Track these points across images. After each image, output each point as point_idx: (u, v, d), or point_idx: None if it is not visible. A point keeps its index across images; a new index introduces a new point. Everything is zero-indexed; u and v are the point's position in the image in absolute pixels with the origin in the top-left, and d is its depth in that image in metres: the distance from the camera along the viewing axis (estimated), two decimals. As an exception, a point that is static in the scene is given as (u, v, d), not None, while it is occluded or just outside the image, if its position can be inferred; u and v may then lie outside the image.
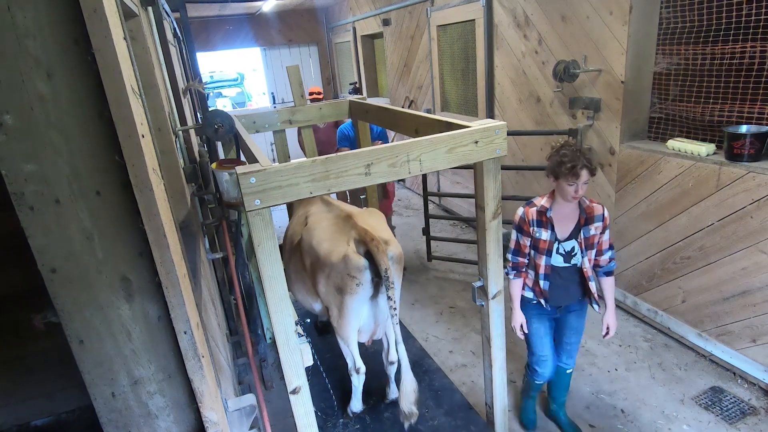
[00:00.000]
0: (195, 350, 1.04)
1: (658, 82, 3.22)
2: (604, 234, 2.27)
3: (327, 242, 2.42)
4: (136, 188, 0.91)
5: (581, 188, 2.10)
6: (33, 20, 0.79)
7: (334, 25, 9.03)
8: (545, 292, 2.33)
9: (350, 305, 2.36)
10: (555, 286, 2.33)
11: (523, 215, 2.29)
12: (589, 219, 2.23)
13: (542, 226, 2.25)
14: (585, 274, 2.30)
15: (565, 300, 2.37)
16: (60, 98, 0.84)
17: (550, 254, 2.27)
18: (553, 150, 2.19)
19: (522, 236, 2.31)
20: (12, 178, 0.83)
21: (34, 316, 1.73)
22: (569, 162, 2.05)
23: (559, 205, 2.23)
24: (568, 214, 2.24)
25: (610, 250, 2.33)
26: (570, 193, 2.12)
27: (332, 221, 2.57)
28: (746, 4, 2.57)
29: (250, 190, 1.43)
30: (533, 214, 2.27)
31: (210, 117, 2.49)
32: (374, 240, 2.27)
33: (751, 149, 2.61)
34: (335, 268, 2.32)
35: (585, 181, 2.09)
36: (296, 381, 1.68)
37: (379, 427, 2.64)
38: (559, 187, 2.16)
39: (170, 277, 0.97)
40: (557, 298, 2.36)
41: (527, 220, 2.27)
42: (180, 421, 1.09)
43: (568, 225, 2.25)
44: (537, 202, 2.29)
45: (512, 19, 4.17)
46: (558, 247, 2.25)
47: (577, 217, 2.24)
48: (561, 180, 2.11)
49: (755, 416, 2.65)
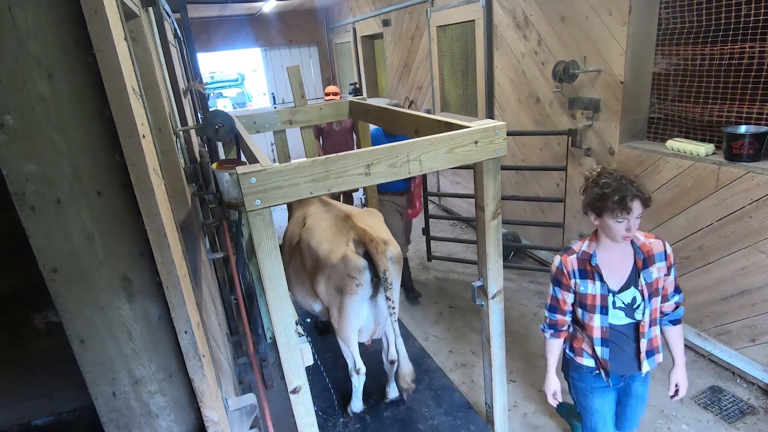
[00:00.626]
0: (195, 350, 1.04)
1: (658, 82, 3.23)
2: (669, 275, 1.83)
3: (326, 243, 2.42)
4: (137, 188, 0.91)
5: (634, 224, 1.68)
6: (34, 21, 0.79)
7: (335, 26, 9.04)
8: (605, 362, 1.87)
9: (350, 306, 2.36)
10: (617, 351, 1.86)
11: (561, 265, 1.86)
12: (649, 259, 1.79)
13: (587, 278, 1.82)
14: (641, 329, 1.83)
15: (631, 367, 1.90)
16: (61, 99, 0.84)
17: (606, 311, 1.81)
18: (589, 180, 1.77)
19: (561, 291, 1.88)
20: (13, 179, 0.84)
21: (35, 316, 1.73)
22: (615, 193, 1.64)
23: (606, 248, 1.80)
24: (620, 257, 1.80)
25: (676, 293, 1.89)
26: (620, 232, 1.70)
27: (331, 222, 2.58)
28: (745, 5, 2.58)
29: (250, 190, 1.44)
30: (573, 264, 1.84)
31: (210, 117, 2.50)
32: (373, 241, 2.28)
33: (750, 149, 2.61)
34: (335, 268, 2.33)
35: (638, 216, 1.68)
36: (297, 380, 1.69)
37: (379, 427, 2.65)
38: (605, 225, 1.73)
39: (171, 276, 0.98)
40: (621, 366, 1.89)
41: (566, 271, 1.84)
42: (181, 421, 1.10)
43: (622, 271, 1.80)
44: (576, 248, 1.86)
45: (512, 19, 4.17)
46: (614, 300, 1.80)
47: (633, 259, 1.80)
48: (606, 217, 1.69)
49: (754, 416, 2.65)
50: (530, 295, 4.09)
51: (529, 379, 3.09)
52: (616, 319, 1.82)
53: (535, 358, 3.28)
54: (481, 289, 2.12)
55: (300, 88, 3.28)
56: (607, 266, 1.80)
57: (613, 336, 1.84)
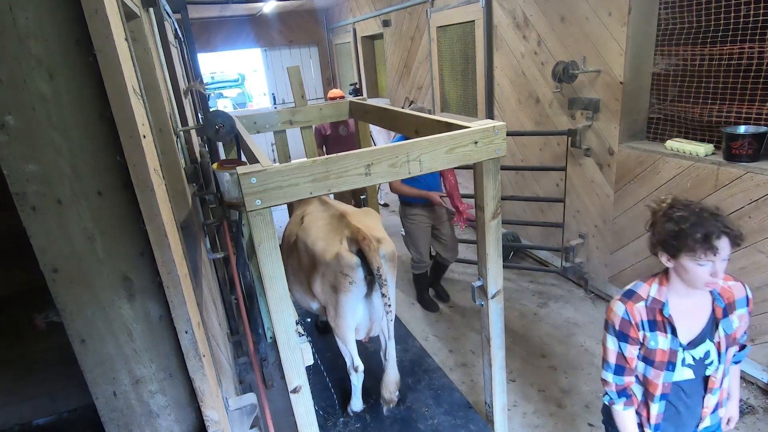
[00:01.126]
0: (196, 349, 1.05)
1: (657, 82, 3.23)
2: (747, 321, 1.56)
3: (321, 241, 2.45)
4: (138, 188, 0.91)
5: (720, 268, 1.36)
6: (35, 21, 0.79)
7: (335, 26, 9.04)
8: (658, 416, 1.58)
9: (345, 303, 2.38)
10: (674, 408, 1.57)
11: (627, 316, 1.50)
12: (729, 307, 1.50)
13: (658, 329, 1.49)
14: (710, 385, 1.52)
15: (687, 426, 1.61)
16: (62, 99, 0.84)
17: (673, 368, 1.51)
18: (658, 213, 1.46)
19: (628, 346, 1.53)
20: (14, 179, 0.84)
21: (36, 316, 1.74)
22: (697, 230, 1.33)
23: (679, 295, 1.48)
24: (696, 305, 1.50)
25: (745, 333, 1.61)
26: (702, 277, 1.37)
27: (327, 220, 2.60)
28: (744, 6, 2.58)
29: (250, 190, 1.44)
30: (642, 313, 1.50)
31: (211, 117, 2.50)
32: (366, 238, 2.30)
33: (749, 150, 2.62)
34: (329, 266, 2.35)
35: (725, 258, 1.35)
36: (297, 380, 1.69)
37: (379, 426, 2.65)
38: (681, 268, 1.41)
39: (171, 276, 0.98)
40: (676, 426, 1.60)
41: (634, 322, 1.50)
42: (181, 420, 1.10)
43: (697, 322, 1.50)
44: (643, 293, 1.52)
45: (511, 20, 4.17)
46: (684, 357, 1.50)
47: (710, 308, 1.50)
48: (685, 259, 1.38)
49: (753, 415, 2.65)
50: (530, 295, 4.09)
51: (528, 379, 3.09)
52: (683, 377, 1.51)
53: (534, 357, 3.29)
54: (481, 289, 2.12)
55: (300, 88, 3.29)
56: (680, 316, 1.49)
57: (673, 393, 1.54)
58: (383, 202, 6.88)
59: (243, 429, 1.35)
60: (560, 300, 3.95)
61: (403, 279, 4.57)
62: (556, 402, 2.91)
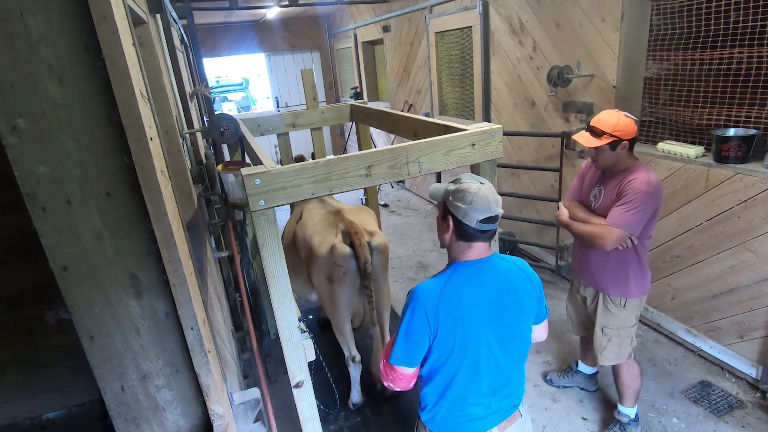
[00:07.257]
0: (201, 346, 1.06)
1: (649, 86, 3.25)
2: None
3: (318, 235, 2.56)
4: (145, 189, 0.92)
5: None
6: (45, 27, 0.81)
7: (336, 32, 9.08)
8: None
9: (339, 294, 2.48)
10: None
11: None
12: None
13: None
14: None
15: None
16: (71, 102, 0.85)
17: None
18: None
19: None
20: (25, 180, 0.85)
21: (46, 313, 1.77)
22: None
23: None
24: None
25: None
26: None
27: (323, 216, 2.71)
28: (733, 12, 2.59)
29: (254, 191, 1.46)
30: None
31: (216, 120, 2.53)
32: (357, 232, 2.42)
33: (738, 152, 2.64)
34: (324, 258, 2.46)
35: None
36: (299, 375, 1.71)
37: (379, 419, 2.69)
38: None
39: (177, 275, 0.99)
40: None
41: None
42: (187, 414, 1.12)
43: None
44: None
45: (508, 25, 4.21)
46: None
47: None
48: None
49: (742, 409, 2.68)
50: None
51: (527, 375, 3.10)
52: None
53: (534, 356, 3.30)
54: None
55: (313, 90, 3.30)
56: None
57: None
58: (383, 203, 6.93)
59: (247, 423, 1.37)
60: (554, 297, 3.97)
61: (403, 276, 4.59)
62: (550, 396, 2.94)
